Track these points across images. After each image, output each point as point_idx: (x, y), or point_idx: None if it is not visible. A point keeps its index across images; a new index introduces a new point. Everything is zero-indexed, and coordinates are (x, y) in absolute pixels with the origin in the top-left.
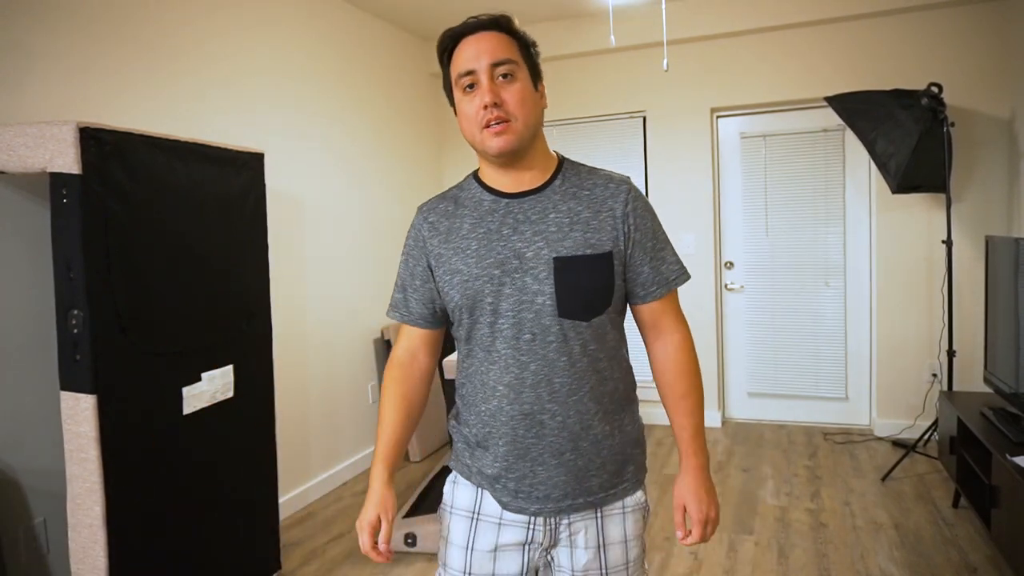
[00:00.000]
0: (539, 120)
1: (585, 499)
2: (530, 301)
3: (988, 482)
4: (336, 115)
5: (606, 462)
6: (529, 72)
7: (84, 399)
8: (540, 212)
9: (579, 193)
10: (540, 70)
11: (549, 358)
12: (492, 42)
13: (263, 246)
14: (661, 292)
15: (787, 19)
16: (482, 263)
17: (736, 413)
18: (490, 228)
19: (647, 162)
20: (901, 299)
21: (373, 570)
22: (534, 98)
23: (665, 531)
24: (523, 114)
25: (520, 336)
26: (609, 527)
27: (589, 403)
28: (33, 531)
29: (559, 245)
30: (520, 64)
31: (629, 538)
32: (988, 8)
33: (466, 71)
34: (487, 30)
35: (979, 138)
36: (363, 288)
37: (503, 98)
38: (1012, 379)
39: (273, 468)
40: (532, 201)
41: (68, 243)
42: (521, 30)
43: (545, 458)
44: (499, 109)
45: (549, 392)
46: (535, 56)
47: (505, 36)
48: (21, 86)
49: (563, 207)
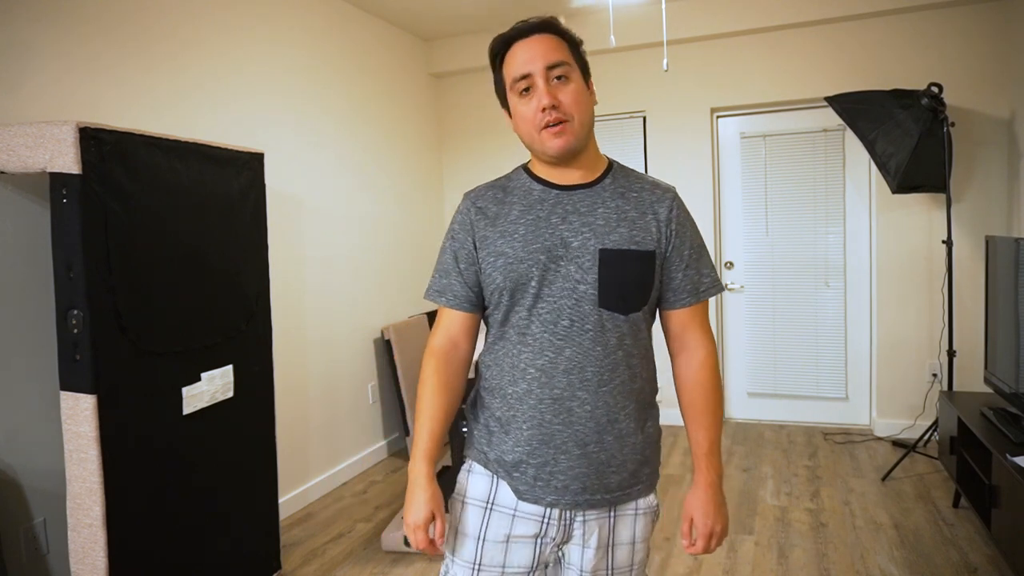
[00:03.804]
0: (592, 117)
1: (603, 495)
2: (572, 288)
3: (988, 482)
4: (336, 115)
5: (627, 460)
6: (581, 72)
7: (84, 399)
8: (589, 205)
9: (627, 194)
10: (589, 67)
11: (584, 346)
12: (545, 45)
13: (263, 246)
14: (690, 300)
15: (787, 19)
16: (528, 248)
17: (736, 413)
18: (539, 216)
19: (647, 162)
20: (901, 299)
21: (373, 570)
22: (587, 97)
23: (665, 531)
24: (579, 113)
25: (558, 322)
26: (620, 527)
27: (619, 396)
28: (33, 531)
29: (606, 238)
30: (572, 65)
31: (637, 540)
32: (988, 8)
33: (521, 75)
34: (539, 32)
35: (979, 138)
36: (363, 288)
37: (560, 99)
38: (1012, 379)
39: (273, 468)
40: (582, 195)
41: (68, 243)
42: (570, 30)
43: (569, 447)
44: (557, 111)
45: (581, 380)
46: (583, 54)
47: (555, 38)
48: (21, 86)
49: (611, 204)
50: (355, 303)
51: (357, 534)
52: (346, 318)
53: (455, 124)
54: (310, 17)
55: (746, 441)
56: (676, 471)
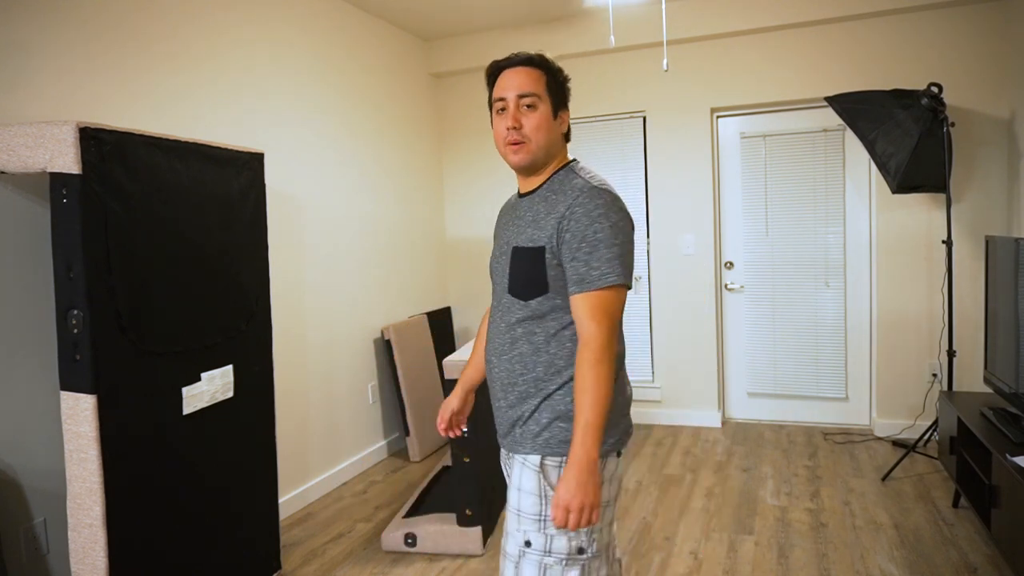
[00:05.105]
0: (553, 142)
1: (510, 439)
2: (500, 279)
3: (988, 482)
4: (336, 115)
5: (522, 417)
6: (552, 103)
7: (84, 399)
8: (525, 209)
9: (550, 197)
10: (566, 100)
11: (498, 323)
12: (524, 76)
13: (263, 246)
14: (575, 289)
15: (787, 19)
16: (495, 248)
17: (736, 413)
18: (505, 221)
19: (647, 162)
20: (901, 299)
21: (373, 570)
22: (550, 125)
23: (665, 531)
24: (537, 138)
25: (495, 304)
26: (513, 471)
27: (518, 365)
28: (33, 531)
29: (518, 237)
30: (543, 98)
31: (523, 488)
32: (988, 8)
33: (499, 97)
34: (523, 65)
35: (979, 138)
36: (363, 288)
37: (523, 123)
38: (1012, 379)
39: (273, 468)
40: (528, 201)
41: (68, 243)
42: (555, 66)
43: (496, 397)
44: (518, 132)
45: (493, 348)
46: (562, 88)
47: (536, 71)
48: (21, 86)
49: (536, 207)
50: (355, 303)
51: (357, 534)
52: (346, 318)
53: (455, 124)
54: (310, 17)
55: (746, 441)
56: (676, 471)
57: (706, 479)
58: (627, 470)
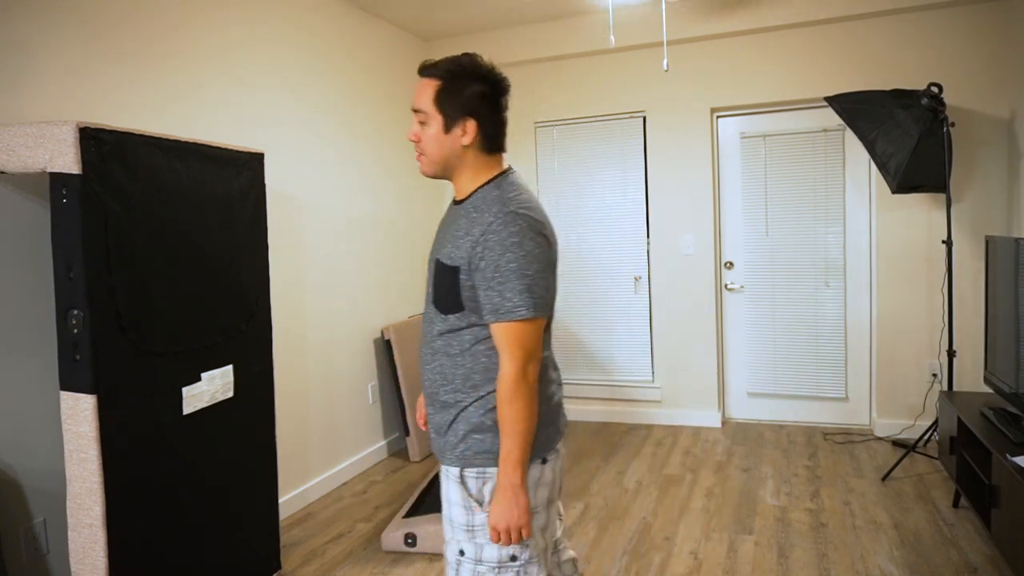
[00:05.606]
0: (450, 155)
1: (437, 447)
2: (428, 289)
3: (988, 482)
4: (336, 115)
5: (443, 427)
6: (443, 119)
7: (84, 399)
8: (451, 221)
9: (471, 214)
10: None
11: (424, 330)
12: (419, 89)
13: (263, 246)
14: (491, 319)
15: (787, 19)
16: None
17: (736, 413)
18: (442, 226)
19: (647, 162)
20: (901, 299)
21: (373, 570)
22: (441, 139)
23: (665, 531)
24: (430, 152)
25: (425, 310)
26: (441, 481)
27: (436, 375)
28: (33, 531)
29: (441, 251)
30: (431, 113)
31: (450, 499)
32: (988, 8)
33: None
34: (422, 75)
35: (979, 138)
36: (363, 288)
37: (419, 136)
38: (1012, 379)
39: (273, 468)
40: (455, 211)
41: (68, 243)
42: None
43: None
44: (417, 145)
45: (421, 355)
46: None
47: (431, 82)
48: (21, 86)
49: (460, 221)
50: (355, 303)
51: (357, 534)
52: (346, 318)
53: None
54: (310, 17)
55: (746, 441)
56: (676, 471)
57: (706, 479)
58: (627, 470)
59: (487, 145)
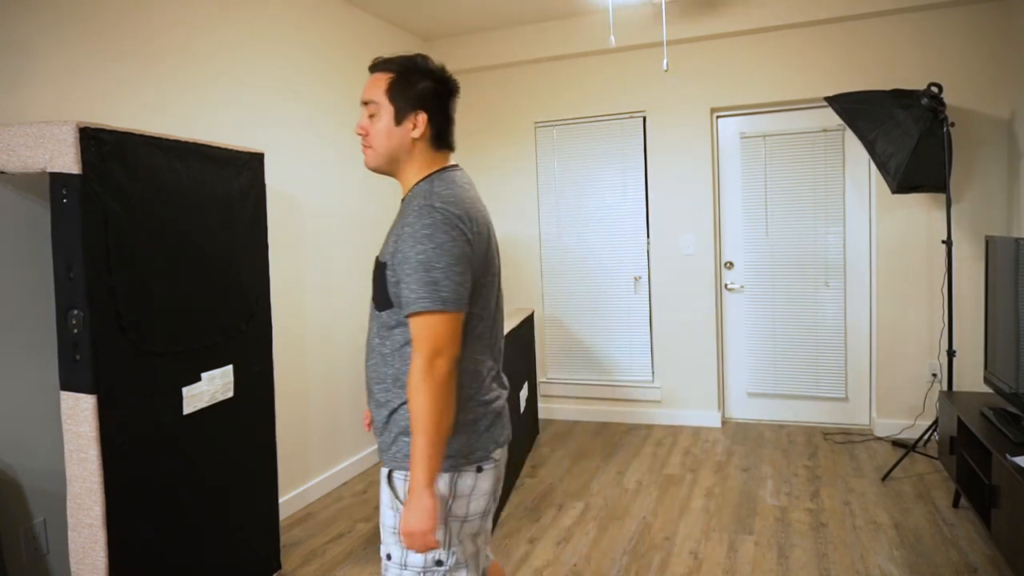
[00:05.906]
0: (398, 148)
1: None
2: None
3: (988, 482)
4: (336, 115)
5: (379, 426)
6: (394, 110)
7: (84, 399)
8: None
9: (405, 211)
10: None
11: (368, 327)
12: (370, 82)
13: (263, 246)
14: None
15: (787, 19)
16: None
17: (736, 413)
18: None
19: (647, 162)
20: (901, 299)
21: (373, 570)
22: (391, 132)
23: (665, 531)
24: (378, 145)
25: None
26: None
27: (372, 373)
28: (33, 531)
29: (381, 249)
30: (382, 104)
31: (382, 501)
32: (988, 8)
33: None
34: (374, 70)
35: (979, 138)
36: (363, 288)
37: (367, 129)
38: (1012, 379)
39: (273, 468)
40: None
41: (68, 243)
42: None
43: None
44: (364, 138)
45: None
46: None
47: (383, 75)
48: (21, 86)
49: (399, 219)
50: (355, 303)
51: (357, 534)
52: (346, 318)
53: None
54: (310, 17)
55: (746, 441)
56: (676, 471)
57: (706, 479)
58: (627, 470)
59: (436, 140)
